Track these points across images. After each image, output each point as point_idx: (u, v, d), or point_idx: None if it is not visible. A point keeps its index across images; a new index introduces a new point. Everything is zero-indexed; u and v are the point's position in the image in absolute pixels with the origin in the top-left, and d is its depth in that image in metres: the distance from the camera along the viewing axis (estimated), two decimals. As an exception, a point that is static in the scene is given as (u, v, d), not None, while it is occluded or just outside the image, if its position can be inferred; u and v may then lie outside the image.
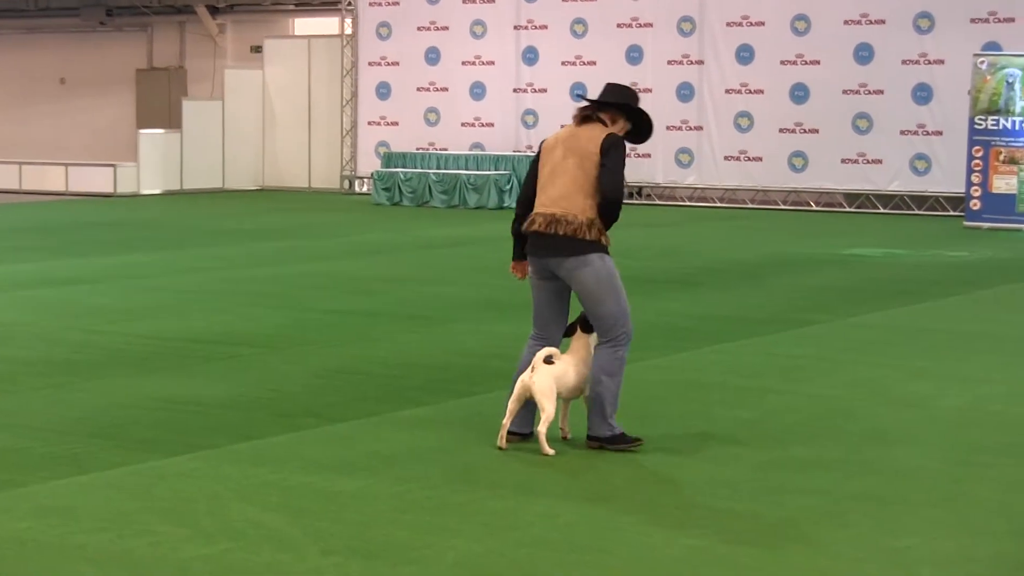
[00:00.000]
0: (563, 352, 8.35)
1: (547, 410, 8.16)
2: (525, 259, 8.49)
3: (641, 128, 8.52)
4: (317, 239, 21.88)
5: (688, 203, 30.17)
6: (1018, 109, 24.37)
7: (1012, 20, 27.11)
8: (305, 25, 37.10)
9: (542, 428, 8.16)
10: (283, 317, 13.55)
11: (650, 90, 29.62)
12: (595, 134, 8.28)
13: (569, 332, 8.49)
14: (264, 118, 34.77)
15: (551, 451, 8.13)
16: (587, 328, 8.39)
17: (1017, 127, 24.38)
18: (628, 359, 8.36)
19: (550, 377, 8.21)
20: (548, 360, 8.24)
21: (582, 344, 8.39)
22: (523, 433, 8.40)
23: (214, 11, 37.83)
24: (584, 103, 8.51)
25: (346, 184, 34.13)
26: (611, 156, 8.21)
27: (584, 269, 8.23)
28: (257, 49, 36.18)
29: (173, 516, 6.81)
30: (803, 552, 6.44)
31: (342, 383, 10.34)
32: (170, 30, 39.17)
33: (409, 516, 6.89)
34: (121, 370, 10.73)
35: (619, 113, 8.40)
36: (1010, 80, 24.44)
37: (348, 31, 33.95)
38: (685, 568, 6.20)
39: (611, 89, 8.50)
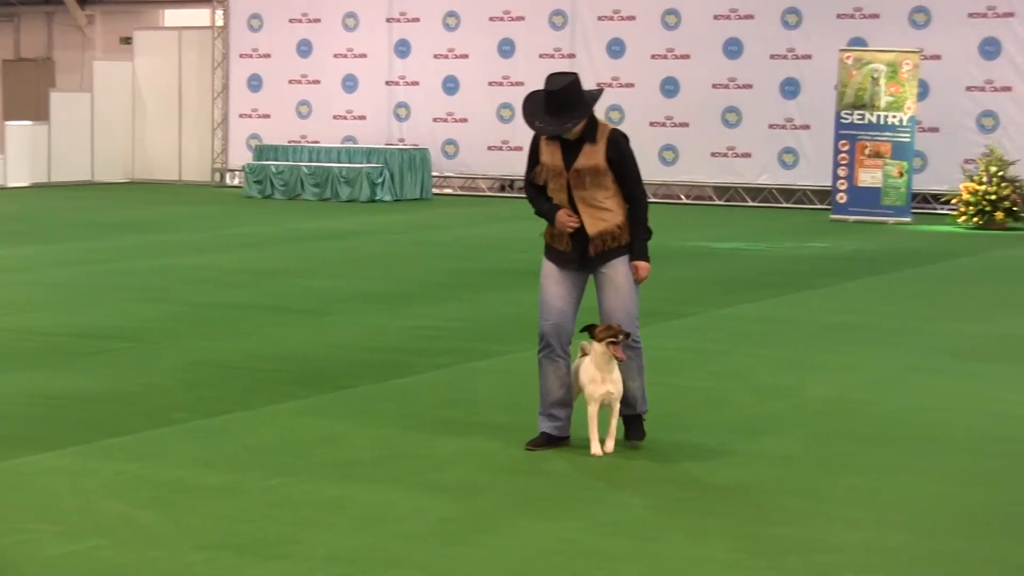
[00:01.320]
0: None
1: None
2: None
3: None
4: (188, 232, 21.68)
5: (561, 196, 30.27)
6: (883, 104, 24.79)
7: (877, 16, 27.57)
8: (175, 16, 36.71)
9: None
10: (154, 311, 13.43)
11: (522, 83, 29.71)
12: None
13: None
14: (134, 110, 34.37)
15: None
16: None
17: (882, 121, 24.80)
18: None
19: None
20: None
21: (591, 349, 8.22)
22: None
23: (83, 2, 37.29)
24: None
25: (217, 177, 33.84)
26: None
27: None
28: (127, 40, 35.73)
29: (41, 513, 6.73)
30: (674, 542, 6.51)
31: (214, 377, 10.28)
32: (38, 21, 38.55)
33: (281, 510, 6.87)
34: (-12, 366, 10.58)
35: None
36: (875, 75, 24.86)
37: (219, 23, 33.67)
38: (558, 560, 6.24)
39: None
